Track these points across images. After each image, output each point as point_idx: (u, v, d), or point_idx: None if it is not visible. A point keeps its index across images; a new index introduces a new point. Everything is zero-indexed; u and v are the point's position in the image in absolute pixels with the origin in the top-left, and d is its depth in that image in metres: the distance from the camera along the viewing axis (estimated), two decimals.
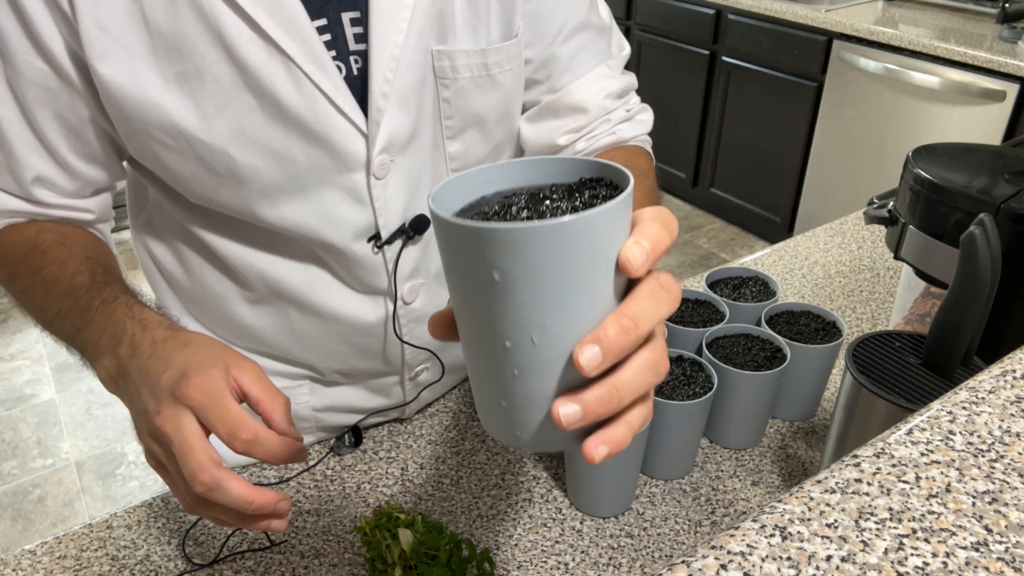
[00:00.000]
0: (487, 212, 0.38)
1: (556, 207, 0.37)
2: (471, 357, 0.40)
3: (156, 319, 0.57)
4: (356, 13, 0.62)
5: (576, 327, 0.36)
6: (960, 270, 0.64)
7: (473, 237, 0.34)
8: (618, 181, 0.38)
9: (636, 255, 0.35)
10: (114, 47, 0.57)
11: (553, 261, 0.34)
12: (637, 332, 0.36)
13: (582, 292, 0.35)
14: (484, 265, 0.34)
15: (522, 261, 0.34)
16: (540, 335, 0.36)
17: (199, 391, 0.49)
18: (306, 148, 0.63)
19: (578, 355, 0.35)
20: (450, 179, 0.39)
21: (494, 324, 0.36)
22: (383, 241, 0.70)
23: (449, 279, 0.38)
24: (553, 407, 0.36)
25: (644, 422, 0.40)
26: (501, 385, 0.38)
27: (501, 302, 0.35)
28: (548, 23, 0.73)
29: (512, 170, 0.40)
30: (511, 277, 0.34)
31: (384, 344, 0.79)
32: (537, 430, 0.39)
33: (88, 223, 0.71)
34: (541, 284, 0.34)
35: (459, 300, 0.38)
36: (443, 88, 0.68)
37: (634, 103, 0.81)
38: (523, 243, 0.33)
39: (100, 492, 2.15)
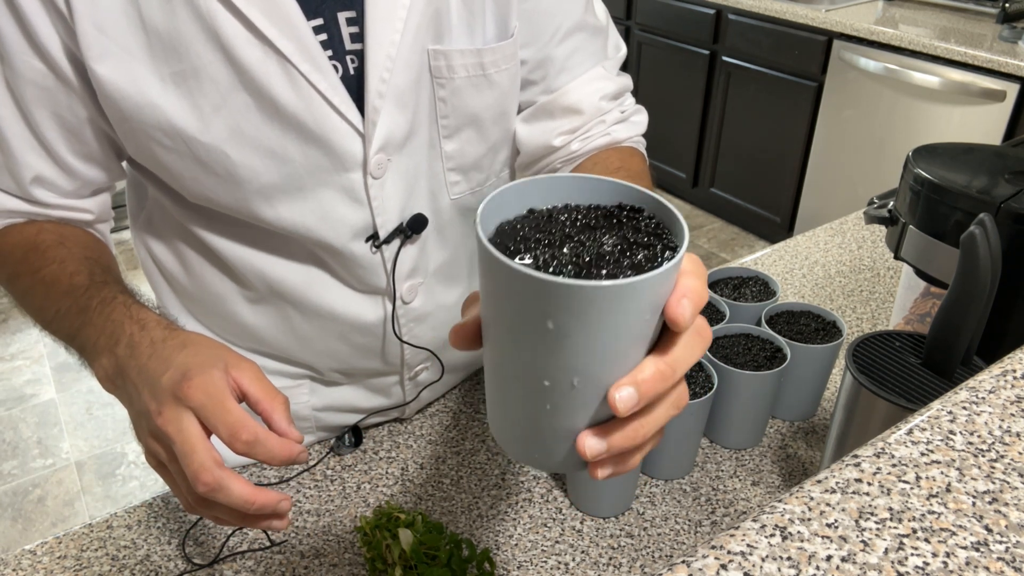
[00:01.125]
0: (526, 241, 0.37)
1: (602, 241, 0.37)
2: (500, 384, 0.40)
3: (154, 319, 0.57)
4: (352, 13, 0.62)
5: (616, 371, 0.36)
6: (960, 270, 0.64)
7: (533, 287, 0.33)
8: (659, 216, 0.38)
9: (687, 311, 0.35)
10: (111, 47, 0.57)
11: (611, 316, 0.33)
12: (674, 379, 0.37)
13: (632, 342, 0.35)
14: (539, 313, 0.34)
15: (581, 316, 0.33)
16: (582, 379, 0.36)
17: (200, 392, 0.49)
18: (303, 148, 0.63)
19: (614, 396, 0.35)
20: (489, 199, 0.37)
21: (536, 366, 0.36)
22: (381, 240, 0.70)
23: (492, 314, 0.37)
24: (579, 441, 0.37)
25: (654, 446, 0.41)
26: (530, 416, 0.38)
27: (550, 349, 0.35)
28: (544, 23, 0.73)
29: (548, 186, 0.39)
30: (566, 329, 0.34)
31: (383, 343, 0.79)
32: (558, 456, 0.39)
33: (87, 223, 0.71)
34: (596, 336, 0.34)
35: (500, 335, 0.37)
36: (439, 87, 0.68)
37: (629, 104, 0.81)
38: (586, 300, 0.33)
39: (100, 492, 2.15)
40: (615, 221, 0.38)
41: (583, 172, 0.75)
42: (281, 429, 0.52)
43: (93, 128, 0.64)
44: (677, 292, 0.35)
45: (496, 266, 0.34)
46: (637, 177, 0.73)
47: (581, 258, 0.35)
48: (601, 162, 0.75)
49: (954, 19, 2.70)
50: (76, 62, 0.59)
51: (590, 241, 0.37)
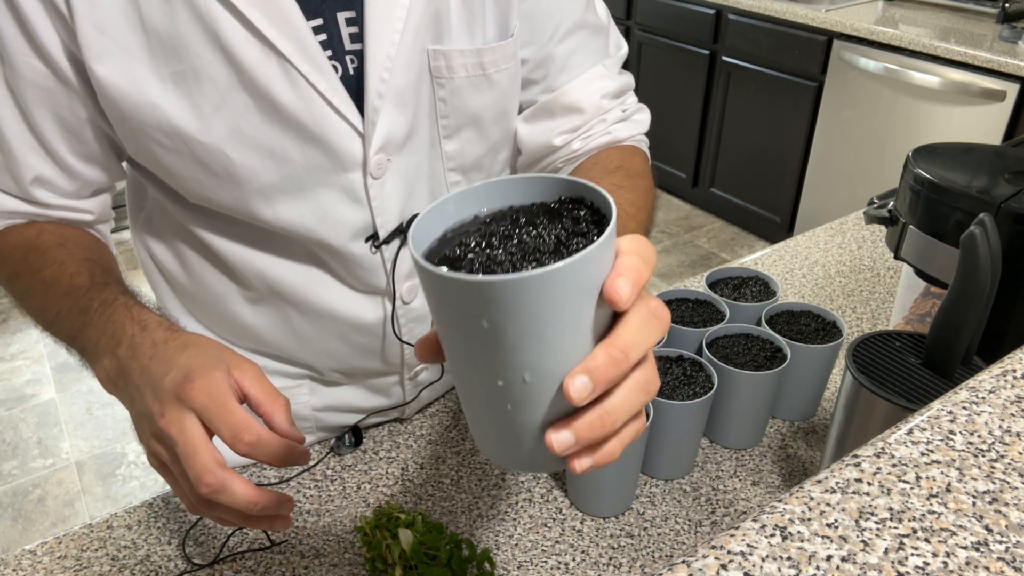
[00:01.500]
0: (466, 246, 0.37)
1: (539, 236, 0.37)
2: (462, 390, 0.40)
3: (155, 320, 0.57)
4: (351, 13, 0.62)
5: (566, 361, 0.36)
6: (960, 270, 0.64)
7: (457, 288, 0.33)
8: (598, 203, 0.38)
9: (623, 289, 0.35)
10: (111, 48, 0.57)
11: (542, 307, 0.33)
12: (627, 362, 0.36)
13: (571, 330, 0.35)
14: (472, 314, 0.34)
15: (511, 311, 0.33)
16: (532, 373, 0.36)
17: (203, 393, 0.50)
18: (303, 148, 0.63)
19: (568, 386, 0.35)
20: (427, 210, 0.38)
21: (485, 367, 0.36)
22: (381, 241, 0.70)
23: (437, 322, 0.38)
24: (547, 435, 0.37)
25: (636, 436, 0.41)
26: (495, 417, 0.39)
27: (491, 347, 0.35)
28: (544, 23, 0.73)
29: (490, 191, 0.40)
30: (500, 325, 0.34)
31: (383, 343, 0.79)
32: (532, 455, 0.39)
33: (87, 224, 0.71)
34: (530, 328, 0.34)
35: (448, 342, 0.38)
36: (439, 87, 0.68)
37: (631, 103, 0.81)
38: (509, 294, 0.33)
39: (100, 492, 2.15)
40: (556, 215, 0.38)
41: (582, 172, 0.75)
42: (282, 430, 0.52)
43: (93, 128, 0.64)
44: (613, 272, 0.35)
45: (425, 274, 0.35)
46: (637, 176, 0.73)
47: (517, 255, 0.36)
48: (601, 161, 0.75)
49: (954, 19, 2.70)
50: (76, 62, 0.59)
51: (530, 237, 0.37)
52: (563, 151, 0.77)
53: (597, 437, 0.38)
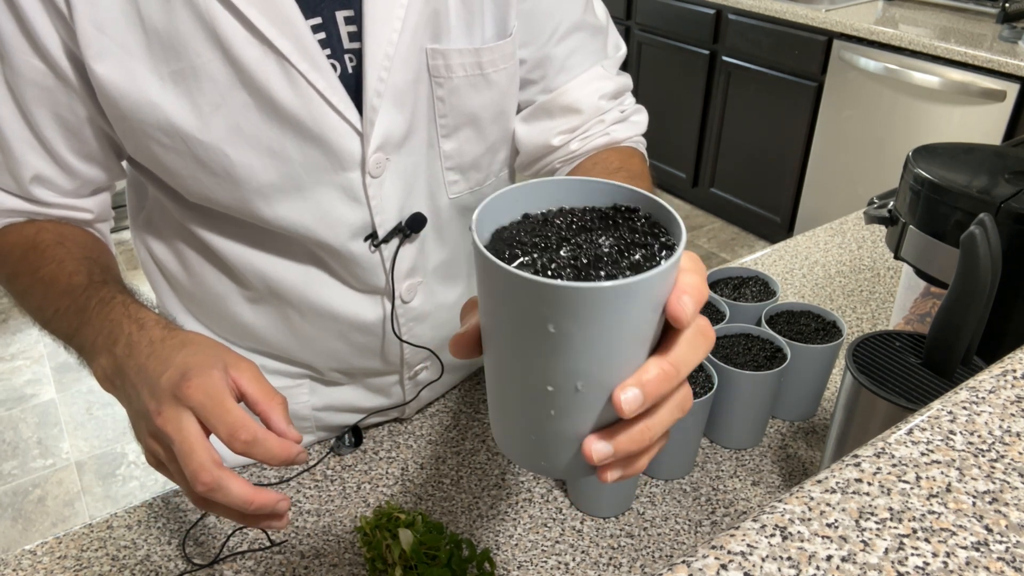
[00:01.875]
0: (523, 244, 0.36)
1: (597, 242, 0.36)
2: (502, 391, 0.39)
3: (153, 319, 0.57)
4: (350, 12, 0.62)
5: (620, 373, 0.36)
6: (960, 270, 0.64)
7: (532, 290, 0.33)
8: (656, 215, 0.38)
9: (688, 308, 0.35)
10: (111, 46, 0.57)
11: (612, 317, 0.33)
12: (678, 378, 0.36)
13: (631, 343, 0.35)
14: (539, 317, 0.33)
15: (582, 319, 0.33)
16: (585, 382, 0.35)
17: (200, 392, 0.49)
18: (301, 146, 0.63)
19: (619, 398, 0.35)
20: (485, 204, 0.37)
21: (540, 370, 0.36)
22: (380, 240, 0.70)
23: (492, 320, 0.37)
24: (585, 445, 0.37)
25: (660, 448, 0.41)
26: (533, 421, 0.38)
27: (552, 353, 0.34)
28: (543, 23, 0.73)
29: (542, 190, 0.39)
30: (567, 332, 0.33)
31: (383, 343, 0.79)
32: (564, 463, 0.39)
33: (87, 222, 0.71)
34: (595, 338, 0.34)
35: (500, 341, 0.37)
36: (437, 87, 0.68)
37: (629, 104, 0.81)
38: (587, 302, 0.32)
39: (100, 492, 2.15)
40: (611, 222, 0.38)
41: (582, 173, 0.75)
42: (279, 429, 0.52)
43: (93, 127, 0.64)
44: (677, 289, 0.35)
45: (494, 271, 0.34)
46: (637, 178, 0.73)
47: (579, 260, 0.35)
48: (601, 162, 0.75)
49: (954, 19, 2.70)
50: (75, 61, 0.59)
51: (587, 243, 0.36)
52: (561, 151, 0.77)
53: (635, 451, 0.37)
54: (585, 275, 0.35)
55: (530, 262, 0.36)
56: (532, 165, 0.81)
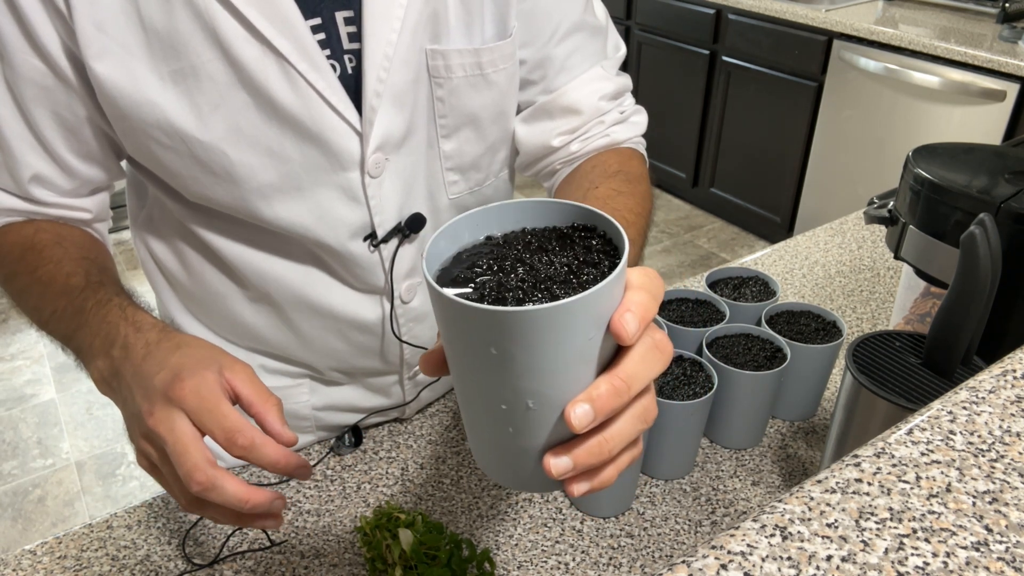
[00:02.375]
0: (480, 268, 0.38)
1: (552, 262, 0.38)
2: (466, 409, 0.41)
3: (150, 321, 0.56)
4: (350, 12, 0.62)
5: (570, 390, 0.37)
6: (960, 270, 0.64)
7: (470, 315, 0.34)
8: (611, 234, 0.39)
9: (630, 325, 0.36)
10: (110, 46, 0.57)
11: (551, 338, 0.34)
12: (629, 393, 0.37)
13: (576, 360, 0.36)
14: (481, 341, 0.35)
15: (520, 340, 0.34)
16: (535, 400, 0.36)
17: (193, 394, 0.49)
18: (301, 146, 0.63)
19: (570, 414, 0.36)
20: (442, 230, 0.39)
21: (490, 390, 0.37)
22: (379, 240, 0.70)
23: (444, 342, 0.38)
24: (545, 460, 0.38)
25: (632, 462, 0.41)
26: (495, 438, 0.39)
27: (498, 373, 0.36)
28: (543, 23, 0.73)
29: (503, 212, 0.40)
30: (508, 354, 0.35)
31: (382, 343, 0.79)
32: (530, 476, 0.40)
33: (85, 222, 0.71)
34: (538, 358, 0.35)
35: (455, 363, 0.38)
36: (437, 87, 0.68)
37: (628, 104, 0.81)
38: (520, 326, 0.33)
39: (100, 492, 2.15)
40: (568, 241, 0.39)
41: (580, 175, 0.75)
42: (274, 431, 0.51)
43: (92, 127, 0.64)
44: (622, 307, 0.36)
45: (436, 296, 0.35)
46: (635, 180, 0.73)
47: (528, 281, 0.36)
48: (599, 165, 0.75)
49: (954, 19, 2.70)
50: (75, 60, 0.59)
51: (541, 263, 0.38)
52: (561, 152, 0.78)
53: (595, 463, 0.38)
54: (534, 296, 0.36)
55: (482, 284, 0.37)
56: (532, 166, 0.81)
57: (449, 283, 0.37)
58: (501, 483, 0.42)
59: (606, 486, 0.40)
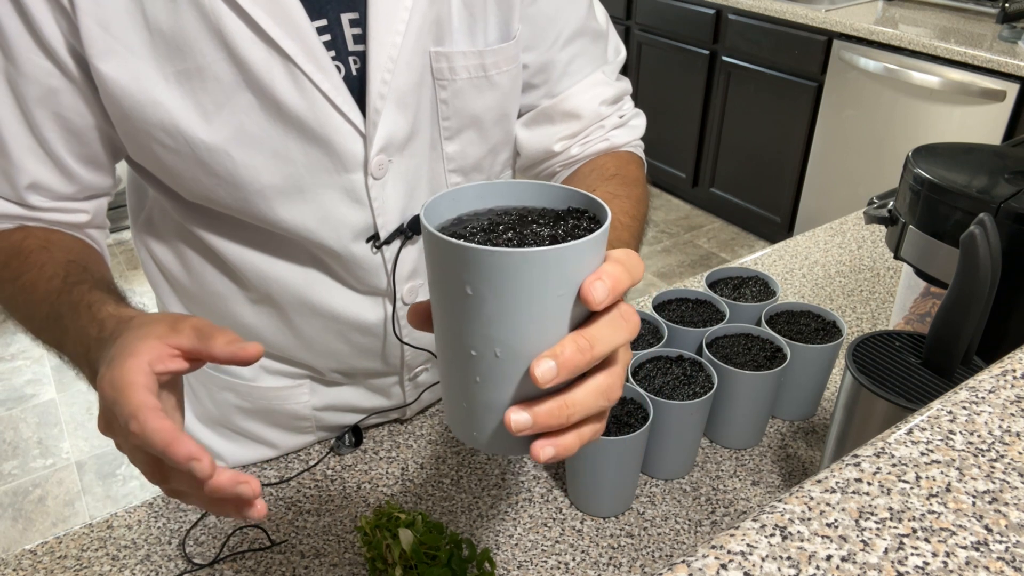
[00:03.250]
0: (474, 228, 0.40)
1: (539, 232, 0.40)
2: (440, 356, 0.43)
3: (111, 314, 0.53)
4: (355, 14, 0.62)
5: (537, 345, 0.39)
6: (960, 270, 0.64)
7: (450, 251, 0.37)
8: (599, 215, 0.42)
9: (598, 290, 0.38)
10: (115, 45, 0.57)
11: (521, 286, 0.36)
12: (592, 353, 0.39)
13: (546, 316, 0.38)
14: (459, 279, 0.37)
15: (492, 282, 0.36)
16: (503, 350, 0.38)
17: (108, 387, 0.45)
18: (305, 148, 0.63)
19: (534, 367, 0.38)
20: (446, 191, 0.42)
21: (462, 333, 0.39)
22: (382, 241, 0.70)
23: (429, 282, 0.41)
24: (506, 414, 0.39)
25: (594, 436, 0.43)
26: (464, 388, 0.41)
27: (470, 315, 0.38)
28: (547, 28, 0.73)
29: (507, 189, 0.43)
30: (481, 295, 0.37)
31: (384, 344, 0.79)
32: (492, 434, 0.42)
33: (80, 226, 0.69)
34: (508, 305, 0.37)
35: (435, 304, 0.41)
36: (440, 89, 0.68)
37: (627, 108, 0.82)
38: (493, 265, 0.36)
39: (100, 492, 2.15)
40: (560, 220, 0.42)
41: (579, 177, 0.77)
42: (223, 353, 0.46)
43: (95, 129, 0.64)
44: (594, 274, 0.38)
45: (426, 235, 0.38)
46: (632, 183, 0.74)
47: (514, 242, 0.39)
48: (598, 168, 0.76)
49: (954, 19, 2.70)
50: (80, 59, 0.59)
51: (531, 233, 0.40)
52: (562, 156, 0.79)
53: (553, 425, 0.40)
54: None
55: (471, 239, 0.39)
56: (533, 168, 0.81)
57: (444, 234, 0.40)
58: (467, 441, 0.44)
59: (569, 454, 0.41)
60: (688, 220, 3.59)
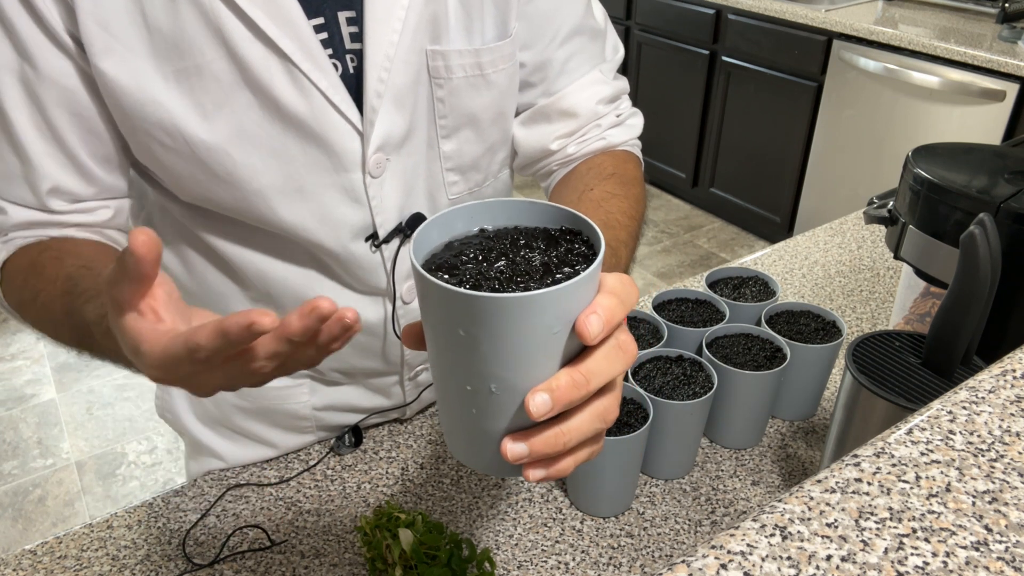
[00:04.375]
0: (465, 257, 0.40)
1: (531, 259, 0.40)
2: (436, 384, 0.43)
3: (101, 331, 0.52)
4: (352, 12, 0.62)
5: (532, 379, 0.38)
6: (960, 270, 0.64)
7: (443, 296, 0.36)
8: (593, 240, 0.41)
9: (592, 325, 0.38)
10: (114, 45, 0.57)
11: (516, 328, 0.36)
12: (588, 388, 0.39)
13: (540, 352, 0.38)
14: (452, 322, 0.37)
15: (486, 325, 0.36)
16: (499, 385, 0.38)
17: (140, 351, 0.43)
18: (303, 146, 0.63)
19: (528, 401, 0.37)
20: (434, 218, 0.41)
21: (457, 370, 0.39)
22: (380, 240, 0.70)
23: (423, 318, 0.40)
24: (503, 444, 0.39)
25: (590, 457, 0.43)
26: (460, 417, 0.41)
27: (465, 355, 0.38)
28: (544, 26, 0.73)
29: (499, 208, 0.43)
30: (475, 337, 0.37)
31: (384, 344, 0.79)
32: (490, 459, 0.42)
33: (102, 224, 0.68)
34: (502, 345, 0.37)
35: (429, 339, 0.41)
36: (437, 87, 0.68)
37: (625, 108, 0.82)
38: (487, 311, 0.35)
39: (100, 492, 2.15)
40: (553, 243, 0.41)
41: (576, 176, 0.76)
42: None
43: (111, 127, 0.63)
44: (588, 308, 0.38)
45: (417, 275, 0.37)
46: (630, 183, 0.73)
47: (506, 273, 0.39)
48: (595, 167, 0.76)
49: (954, 19, 2.70)
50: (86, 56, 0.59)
51: (523, 259, 0.40)
52: (559, 155, 0.78)
53: (550, 453, 0.40)
54: (508, 288, 0.38)
55: (464, 271, 0.39)
56: (530, 167, 0.81)
57: (435, 268, 0.39)
58: (466, 463, 0.44)
59: (563, 476, 0.41)
60: (688, 220, 3.59)
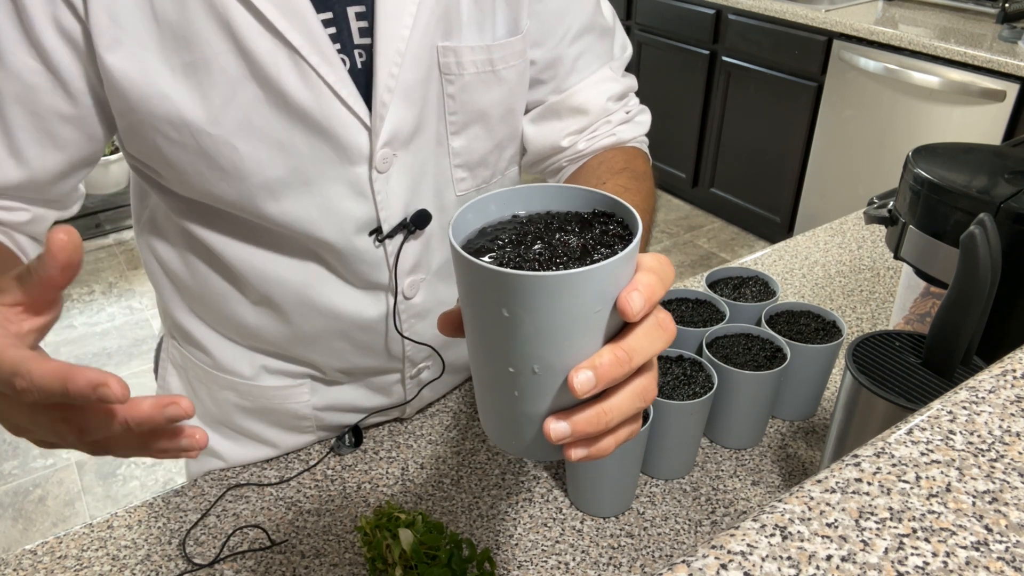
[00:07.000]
0: (502, 241, 0.40)
1: (567, 241, 0.40)
2: (475, 369, 0.43)
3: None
4: (361, 7, 0.63)
5: (575, 358, 0.38)
6: (960, 270, 0.64)
7: (486, 277, 0.36)
8: (627, 220, 0.41)
9: (635, 303, 0.38)
10: (123, 37, 0.57)
11: (559, 306, 0.36)
12: (630, 364, 0.39)
13: (583, 331, 0.38)
14: (495, 302, 0.37)
15: (529, 304, 0.36)
16: (541, 365, 0.38)
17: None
18: (310, 140, 0.64)
19: (573, 378, 0.38)
20: (471, 203, 0.41)
21: (499, 352, 0.39)
22: (384, 235, 0.70)
23: (463, 306, 0.41)
24: (545, 424, 0.39)
25: (631, 436, 0.43)
26: (502, 401, 0.41)
27: (508, 336, 0.38)
28: (555, 24, 0.74)
29: (532, 194, 0.43)
30: (518, 317, 0.36)
31: (385, 340, 0.79)
32: (531, 442, 0.42)
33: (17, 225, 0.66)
34: (545, 324, 0.37)
35: (469, 323, 0.41)
36: (447, 84, 0.68)
37: (633, 104, 0.83)
38: (531, 290, 0.35)
39: (101, 492, 2.15)
40: (587, 225, 0.41)
41: (588, 171, 0.77)
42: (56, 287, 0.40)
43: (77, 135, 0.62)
44: (630, 286, 0.38)
45: (458, 258, 0.38)
46: (640, 177, 0.74)
47: (544, 255, 0.39)
48: (606, 162, 0.76)
49: (954, 19, 2.70)
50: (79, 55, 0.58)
51: (559, 242, 0.40)
52: (568, 151, 0.79)
53: (592, 432, 0.40)
54: (548, 268, 0.38)
55: (502, 254, 0.39)
56: (539, 164, 0.82)
57: (472, 252, 0.39)
58: (504, 448, 0.44)
59: (603, 455, 0.42)
60: (688, 220, 3.59)
